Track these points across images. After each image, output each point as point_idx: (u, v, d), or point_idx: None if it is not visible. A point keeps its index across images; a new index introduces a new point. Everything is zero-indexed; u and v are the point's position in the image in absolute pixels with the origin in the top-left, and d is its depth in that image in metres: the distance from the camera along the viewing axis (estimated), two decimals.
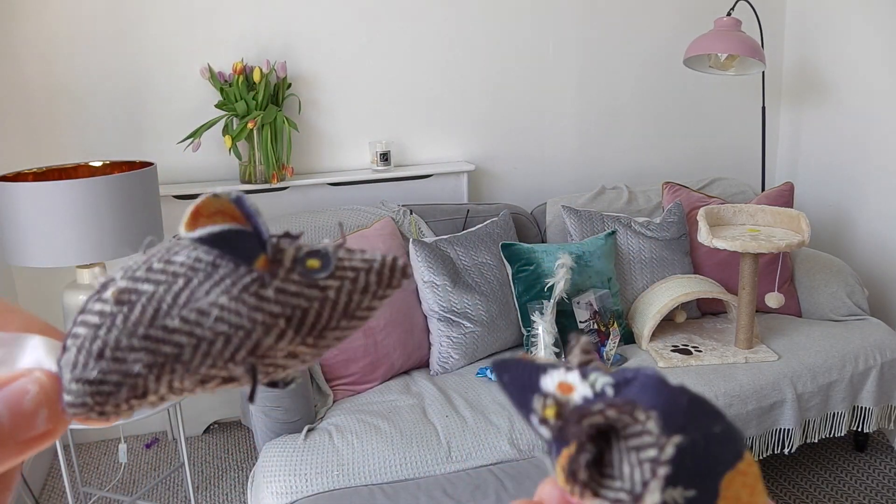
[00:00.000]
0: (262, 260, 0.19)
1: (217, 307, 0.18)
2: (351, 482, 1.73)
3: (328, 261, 0.19)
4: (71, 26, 2.43)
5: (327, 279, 0.19)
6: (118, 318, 0.18)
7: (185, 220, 0.18)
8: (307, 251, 0.19)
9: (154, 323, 0.18)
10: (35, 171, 1.91)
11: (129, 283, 0.19)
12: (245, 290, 0.18)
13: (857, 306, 2.48)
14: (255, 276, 0.18)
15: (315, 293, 0.19)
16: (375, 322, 2.17)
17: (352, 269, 0.19)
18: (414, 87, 2.80)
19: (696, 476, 0.19)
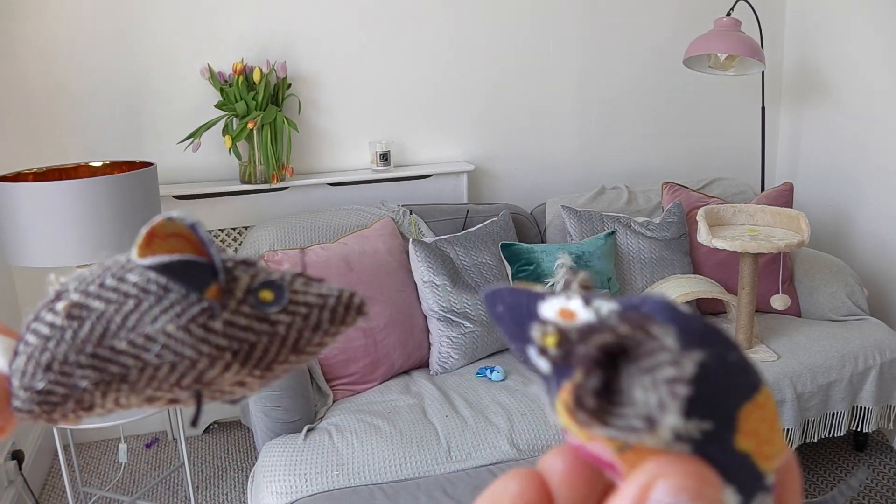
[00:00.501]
0: (213, 290, 0.18)
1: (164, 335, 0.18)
2: (351, 482, 1.73)
3: (282, 294, 0.19)
4: (71, 26, 2.43)
5: (279, 314, 0.18)
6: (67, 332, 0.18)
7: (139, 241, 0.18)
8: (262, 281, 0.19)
9: (102, 343, 0.18)
10: (35, 171, 1.91)
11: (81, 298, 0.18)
12: (193, 321, 0.18)
13: (856, 306, 2.48)
14: (205, 307, 0.18)
15: (265, 328, 0.18)
16: (375, 322, 2.17)
17: (305, 305, 0.19)
18: (414, 87, 2.80)
19: (712, 406, 0.17)
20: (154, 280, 0.18)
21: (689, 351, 0.17)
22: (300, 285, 0.19)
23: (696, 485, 0.16)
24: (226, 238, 2.62)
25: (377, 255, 2.25)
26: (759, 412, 0.18)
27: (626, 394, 0.17)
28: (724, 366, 0.18)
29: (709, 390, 0.17)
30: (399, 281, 2.26)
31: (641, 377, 0.17)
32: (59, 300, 0.19)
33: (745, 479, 0.18)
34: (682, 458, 0.17)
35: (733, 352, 0.18)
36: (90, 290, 0.18)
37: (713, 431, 0.17)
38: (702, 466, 0.17)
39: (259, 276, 0.19)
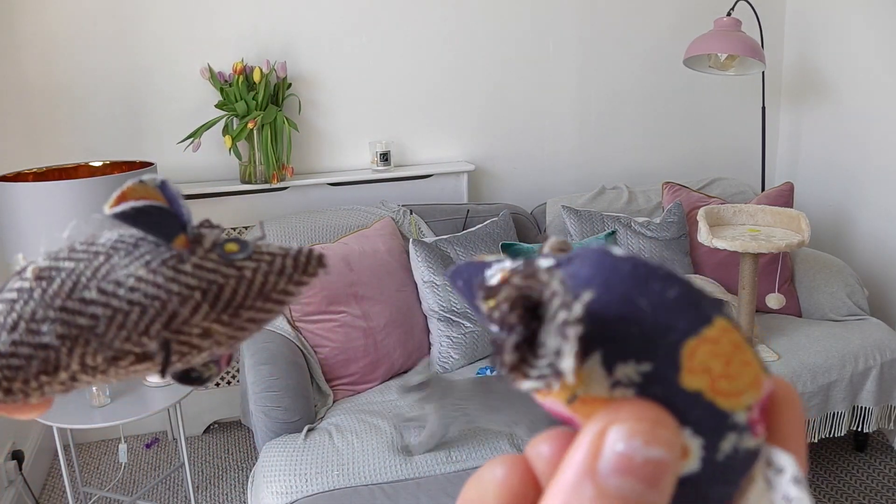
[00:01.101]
0: (181, 239, 0.19)
1: (134, 277, 0.18)
2: (351, 482, 1.73)
3: (246, 246, 0.20)
4: (71, 26, 2.43)
5: (245, 261, 0.19)
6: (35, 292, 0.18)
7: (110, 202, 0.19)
8: (227, 238, 0.20)
9: (72, 295, 0.18)
10: (35, 171, 1.91)
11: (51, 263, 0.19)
12: (163, 264, 0.18)
13: (857, 306, 2.48)
14: (174, 253, 0.18)
15: (232, 271, 0.19)
16: (375, 322, 2.17)
17: (269, 254, 0.20)
18: (414, 87, 2.80)
19: (648, 346, 0.17)
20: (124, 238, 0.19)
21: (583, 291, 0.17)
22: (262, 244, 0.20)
23: (649, 427, 0.16)
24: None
25: (377, 255, 2.25)
26: (708, 347, 0.17)
27: (544, 344, 0.17)
28: (659, 304, 0.17)
29: (642, 331, 0.17)
30: (399, 281, 2.26)
31: (549, 324, 0.17)
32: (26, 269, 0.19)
33: (702, 419, 0.17)
34: (634, 403, 0.17)
35: (674, 288, 0.17)
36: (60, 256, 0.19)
37: (653, 372, 0.17)
38: (655, 408, 0.17)
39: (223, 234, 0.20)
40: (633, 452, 0.16)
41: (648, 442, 0.16)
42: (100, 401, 1.90)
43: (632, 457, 0.16)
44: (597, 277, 0.17)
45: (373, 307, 2.18)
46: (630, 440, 0.16)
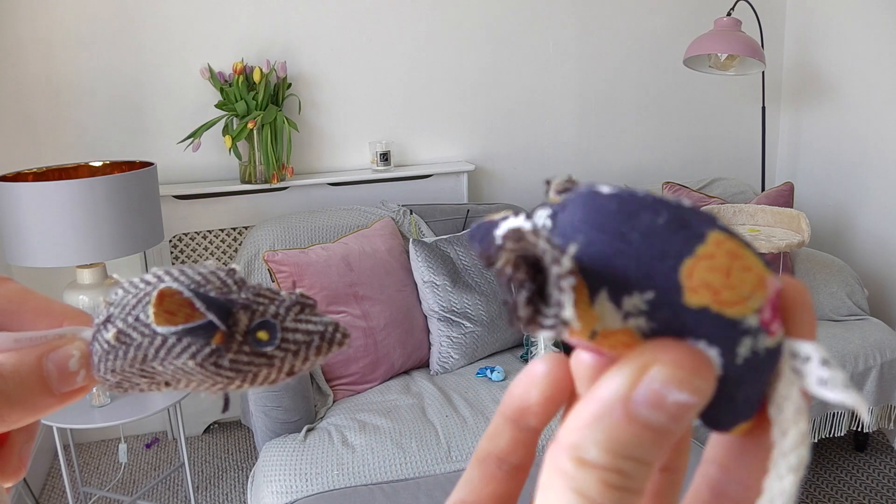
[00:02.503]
0: (218, 337, 0.23)
1: (187, 367, 0.23)
2: (351, 482, 1.73)
3: (275, 334, 0.23)
4: (71, 26, 2.43)
5: (274, 350, 0.23)
6: (120, 352, 0.23)
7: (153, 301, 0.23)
8: (258, 322, 0.23)
9: (144, 364, 0.23)
10: (35, 171, 1.91)
11: (124, 327, 0.24)
12: (206, 360, 0.23)
13: (857, 306, 2.48)
14: (213, 349, 0.23)
15: (263, 361, 0.23)
16: (375, 322, 2.17)
17: (294, 343, 0.24)
18: (414, 87, 2.80)
19: (646, 276, 0.18)
20: None
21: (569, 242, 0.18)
22: (291, 321, 0.24)
23: (686, 376, 0.18)
24: (226, 238, 2.62)
25: (377, 255, 2.25)
26: (705, 263, 0.18)
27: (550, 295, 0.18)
28: (649, 234, 0.18)
29: (638, 263, 0.18)
30: (399, 281, 2.26)
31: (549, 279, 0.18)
32: (109, 322, 0.24)
33: (713, 331, 0.18)
34: (676, 346, 0.18)
35: (662, 214, 0.18)
36: (129, 322, 0.24)
37: (657, 298, 0.18)
38: (697, 354, 0.18)
39: (256, 314, 0.23)
40: (667, 392, 0.18)
41: (682, 387, 0.18)
42: (100, 401, 1.90)
43: (665, 396, 0.18)
44: (588, 220, 0.18)
45: (373, 307, 2.18)
46: (667, 382, 0.18)
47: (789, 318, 0.20)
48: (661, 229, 0.18)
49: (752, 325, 0.18)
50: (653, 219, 0.18)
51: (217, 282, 0.24)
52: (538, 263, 0.19)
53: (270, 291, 0.24)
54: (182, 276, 0.24)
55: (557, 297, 0.18)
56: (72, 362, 0.24)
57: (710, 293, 0.18)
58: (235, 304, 0.23)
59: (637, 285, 0.18)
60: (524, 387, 0.23)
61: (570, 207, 0.19)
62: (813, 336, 0.20)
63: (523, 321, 0.18)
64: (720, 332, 0.18)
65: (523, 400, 0.23)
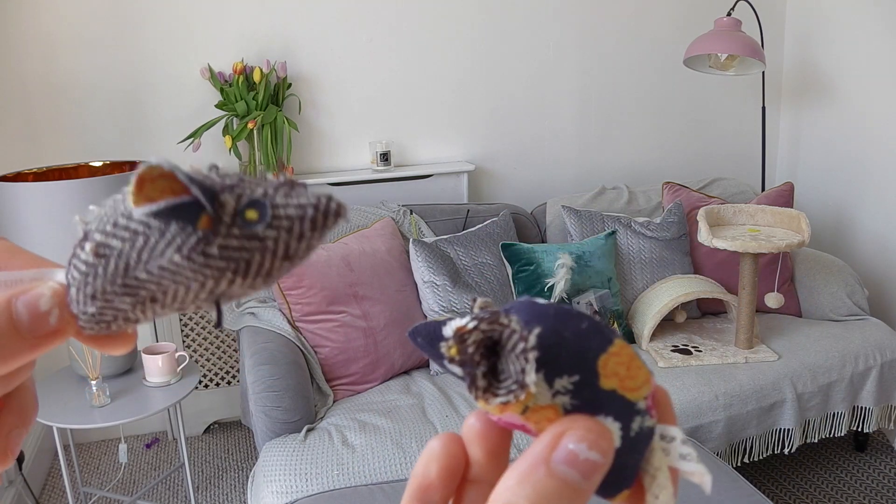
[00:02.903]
0: (204, 220, 0.21)
1: (173, 264, 0.21)
2: (351, 482, 1.73)
3: (264, 211, 0.22)
4: (71, 26, 2.43)
5: (266, 230, 0.22)
6: (99, 269, 0.22)
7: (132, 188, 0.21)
8: (246, 202, 0.22)
9: (127, 275, 0.22)
10: (35, 171, 1.91)
11: (102, 238, 0.22)
12: (193, 250, 0.21)
13: (857, 306, 2.48)
14: (200, 236, 0.21)
15: (255, 244, 0.22)
16: (375, 322, 2.17)
17: (287, 219, 0.22)
18: (414, 87, 2.80)
19: (574, 364, 0.23)
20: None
21: (533, 328, 0.23)
22: (280, 198, 0.22)
23: (594, 437, 0.22)
24: None
25: (377, 255, 2.25)
26: (614, 359, 0.23)
27: (504, 370, 0.23)
28: (577, 333, 0.23)
29: (570, 353, 0.23)
30: (399, 281, 2.26)
31: (508, 355, 0.23)
32: (85, 240, 0.23)
33: (618, 409, 0.23)
34: (586, 418, 0.23)
35: (585, 322, 0.24)
36: (107, 230, 0.22)
37: (581, 381, 0.23)
38: (600, 424, 0.23)
39: (243, 196, 0.22)
40: (579, 451, 0.22)
41: (591, 447, 0.22)
42: (100, 401, 1.90)
43: (577, 454, 0.22)
44: (533, 321, 0.23)
45: (373, 307, 2.18)
46: (579, 442, 0.22)
47: (659, 409, 0.25)
48: (585, 332, 0.23)
49: (642, 407, 0.24)
50: (579, 323, 0.24)
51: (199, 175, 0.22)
52: (494, 347, 0.23)
53: (256, 175, 0.23)
54: None
55: (521, 366, 0.22)
56: (42, 301, 0.23)
57: (618, 380, 0.23)
58: (219, 186, 0.22)
59: (567, 369, 0.23)
60: (424, 464, 0.25)
61: (515, 310, 0.24)
62: (675, 423, 0.25)
63: (480, 390, 0.23)
64: (622, 410, 0.23)
65: (425, 477, 0.25)
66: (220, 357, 2.72)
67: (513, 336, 0.23)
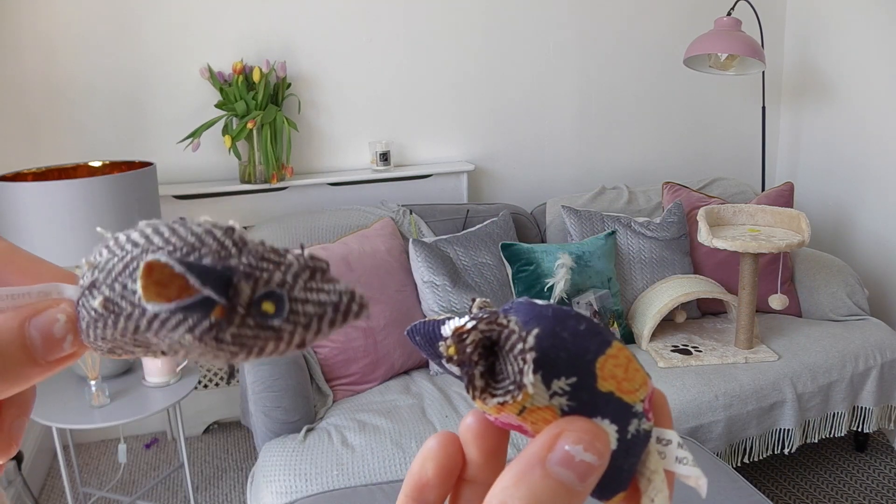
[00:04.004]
0: (218, 310, 0.20)
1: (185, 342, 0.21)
2: (351, 482, 1.73)
3: (282, 306, 0.21)
4: (71, 26, 2.43)
5: (282, 323, 0.21)
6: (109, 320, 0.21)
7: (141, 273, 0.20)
8: (262, 293, 0.21)
9: (136, 334, 0.21)
10: (35, 171, 1.90)
11: (111, 295, 0.21)
12: (206, 334, 0.20)
13: (857, 306, 2.48)
14: (213, 323, 0.20)
15: (270, 334, 0.21)
16: (375, 322, 2.17)
17: (304, 315, 0.21)
18: (414, 87, 2.80)
19: (572, 365, 0.23)
20: None
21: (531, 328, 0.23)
22: (300, 290, 0.21)
23: (590, 439, 0.22)
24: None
25: (377, 255, 2.25)
26: (612, 361, 0.23)
27: (502, 370, 0.23)
28: (575, 335, 0.23)
29: (568, 354, 0.23)
30: (399, 281, 2.26)
31: (506, 356, 0.23)
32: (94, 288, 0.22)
33: (615, 411, 0.23)
34: (582, 419, 0.23)
35: (583, 323, 0.24)
36: (116, 290, 0.21)
37: (578, 383, 0.23)
38: (596, 426, 0.23)
39: (259, 284, 0.21)
40: (575, 452, 0.22)
41: (587, 449, 0.22)
42: (99, 401, 1.90)
43: (574, 455, 0.22)
44: (531, 321, 0.23)
45: (373, 307, 2.17)
46: (575, 444, 0.22)
47: (656, 412, 0.25)
48: (583, 333, 0.23)
49: (639, 410, 0.24)
50: (577, 325, 0.23)
51: (213, 244, 0.21)
52: (492, 347, 0.23)
53: (276, 254, 0.21)
54: (173, 236, 0.21)
55: (519, 367, 0.22)
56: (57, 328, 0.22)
57: (615, 382, 0.23)
58: (236, 273, 0.20)
59: (565, 371, 0.23)
60: (420, 463, 0.26)
61: (514, 311, 0.24)
62: (671, 427, 0.25)
63: (478, 390, 0.23)
64: (619, 412, 0.23)
65: (421, 476, 0.26)
66: None
67: (511, 337, 0.23)
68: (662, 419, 0.25)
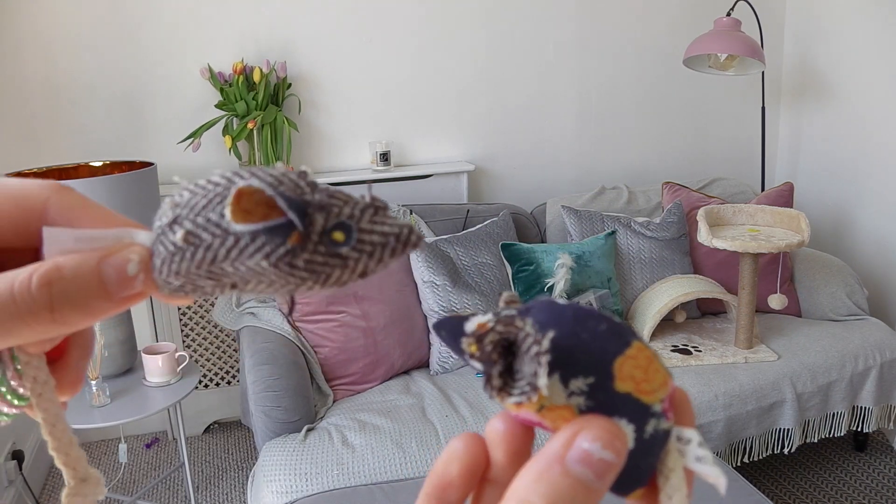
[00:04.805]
0: (294, 237, 0.23)
1: (260, 267, 0.23)
2: (351, 482, 1.73)
3: (350, 235, 0.23)
4: (71, 26, 2.43)
5: (349, 251, 0.23)
6: (187, 253, 0.23)
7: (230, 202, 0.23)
8: (334, 223, 0.23)
9: (213, 265, 0.23)
10: (35, 171, 1.91)
11: (193, 227, 0.23)
12: (281, 260, 0.22)
13: (856, 306, 2.48)
14: (289, 248, 0.23)
15: (338, 262, 0.23)
16: (375, 322, 2.17)
17: (370, 244, 0.23)
18: (414, 87, 2.80)
19: (590, 365, 0.24)
20: None
21: (547, 331, 0.23)
22: (367, 223, 0.24)
23: (608, 437, 0.22)
24: None
25: None
26: (630, 362, 0.24)
27: (520, 371, 0.24)
28: (594, 335, 0.24)
29: (586, 355, 0.24)
30: (399, 281, 2.26)
31: (523, 357, 0.23)
32: (176, 223, 0.24)
33: (633, 411, 0.24)
34: (600, 418, 0.23)
35: (603, 324, 0.24)
36: (198, 222, 0.23)
37: (596, 383, 0.23)
38: (614, 424, 0.23)
39: (331, 216, 0.23)
40: (593, 450, 0.22)
41: (605, 447, 0.22)
42: (100, 401, 1.90)
43: (592, 453, 0.22)
44: (551, 321, 0.24)
45: (373, 307, 2.18)
46: (593, 442, 0.22)
47: (677, 411, 0.25)
48: (602, 334, 0.24)
49: (657, 410, 0.24)
50: (597, 325, 0.24)
51: (290, 183, 0.23)
52: (511, 347, 0.24)
53: (343, 194, 0.24)
54: (253, 178, 0.23)
55: (534, 369, 0.23)
56: (130, 266, 0.24)
57: (634, 383, 0.24)
58: (311, 205, 0.23)
59: (583, 371, 0.23)
60: (445, 463, 0.26)
61: (535, 310, 0.25)
62: (693, 425, 0.26)
63: (496, 388, 0.24)
64: (636, 413, 0.24)
65: (445, 476, 0.26)
66: (220, 357, 2.72)
67: (527, 339, 0.23)
68: (684, 418, 0.25)
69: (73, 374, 0.28)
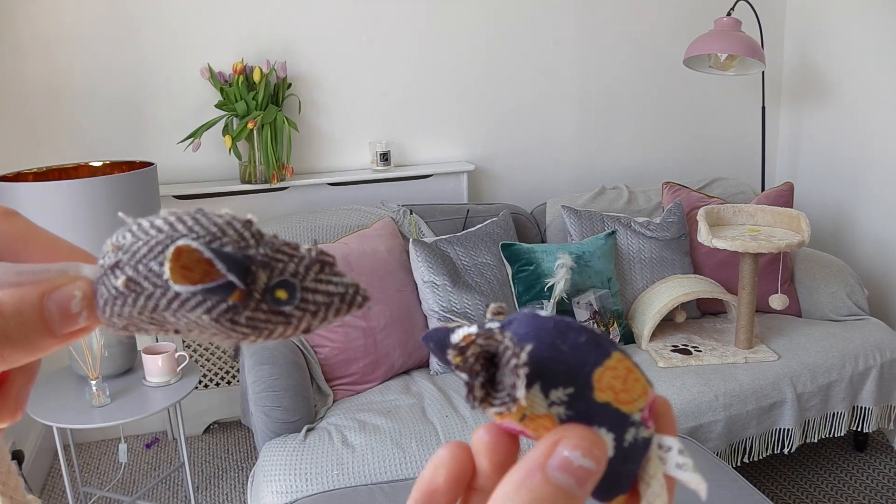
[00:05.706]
0: (236, 294, 0.22)
1: (201, 320, 0.22)
2: (351, 482, 1.73)
3: (294, 294, 0.23)
4: (71, 26, 2.43)
5: (292, 310, 0.23)
6: (129, 299, 0.23)
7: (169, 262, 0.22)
8: (277, 281, 0.23)
9: (154, 313, 0.23)
10: (35, 171, 1.91)
11: (134, 275, 0.23)
12: (222, 315, 0.22)
13: (857, 306, 2.48)
14: (231, 305, 0.22)
15: (280, 319, 0.23)
16: (375, 322, 2.17)
17: (313, 304, 0.23)
18: (414, 86, 2.80)
19: (570, 376, 0.24)
20: None
21: (535, 345, 0.24)
22: (311, 281, 0.23)
23: (588, 445, 0.23)
24: None
25: (377, 255, 2.25)
26: (610, 373, 0.24)
27: (501, 382, 0.24)
28: (574, 347, 0.24)
29: (566, 366, 0.24)
30: (399, 281, 2.26)
31: (504, 369, 0.24)
32: (117, 268, 0.23)
33: (612, 420, 0.24)
34: (580, 427, 0.24)
35: (583, 335, 0.25)
36: (139, 270, 0.23)
37: (575, 393, 0.24)
38: (594, 433, 0.24)
39: (274, 273, 0.23)
40: (573, 458, 0.23)
41: (585, 455, 0.23)
42: (100, 401, 1.90)
43: (572, 461, 0.23)
44: (531, 333, 0.25)
45: (373, 307, 2.17)
46: (573, 450, 0.23)
47: (658, 420, 0.26)
48: (582, 345, 0.24)
49: (637, 419, 0.25)
50: (577, 337, 0.25)
51: (234, 234, 0.23)
52: (493, 359, 0.24)
53: (289, 247, 0.24)
54: (197, 225, 0.23)
55: (513, 381, 0.23)
56: (74, 303, 0.24)
57: (613, 393, 0.24)
58: (254, 261, 0.23)
59: (562, 382, 0.24)
60: (432, 470, 0.27)
61: (516, 323, 0.25)
62: (674, 434, 0.26)
63: (477, 399, 0.24)
64: (615, 422, 0.24)
65: (432, 482, 0.26)
66: (220, 357, 2.72)
67: (506, 352, 0.24)
68: (665, 426, 0.26)
69: (14, 402, 0.27)
